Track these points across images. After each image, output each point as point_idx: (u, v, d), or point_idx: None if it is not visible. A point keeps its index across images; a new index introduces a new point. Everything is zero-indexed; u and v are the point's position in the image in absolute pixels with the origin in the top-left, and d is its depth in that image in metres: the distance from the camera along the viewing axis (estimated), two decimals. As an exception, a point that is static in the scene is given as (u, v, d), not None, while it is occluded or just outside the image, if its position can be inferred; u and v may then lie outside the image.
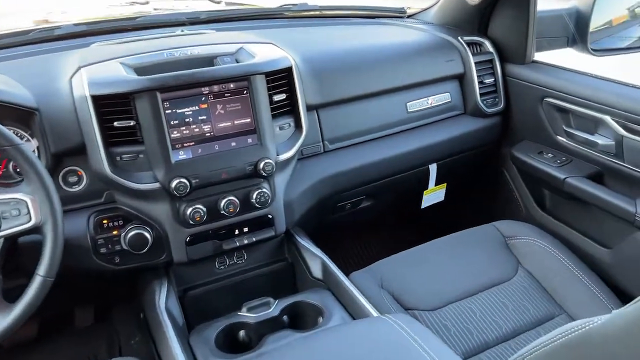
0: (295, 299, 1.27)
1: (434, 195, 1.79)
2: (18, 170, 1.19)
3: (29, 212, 0.98)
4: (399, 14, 2.02)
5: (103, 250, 1.24)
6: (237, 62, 1.33)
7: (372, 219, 1.97)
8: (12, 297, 1.02)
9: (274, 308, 1.23)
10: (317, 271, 1.37)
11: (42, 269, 0.99)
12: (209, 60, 1.34)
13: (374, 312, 1.16)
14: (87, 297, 1.72)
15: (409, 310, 1.38)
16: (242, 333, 1.22)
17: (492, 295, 1.44)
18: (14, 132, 1.11)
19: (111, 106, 1.18)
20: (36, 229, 1.00)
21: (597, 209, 1.58)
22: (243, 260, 1.44)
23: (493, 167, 1.91)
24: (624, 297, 1.43)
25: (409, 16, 2.02)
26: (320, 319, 1.23)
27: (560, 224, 1.71)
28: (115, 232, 1.25)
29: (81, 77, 1.20)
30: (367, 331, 0.99)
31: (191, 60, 1.32)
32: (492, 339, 1.32)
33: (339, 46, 1.61)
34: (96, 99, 1.16)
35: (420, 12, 2.00)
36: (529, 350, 0.80)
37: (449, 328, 1.34)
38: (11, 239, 1.00)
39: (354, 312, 1.22)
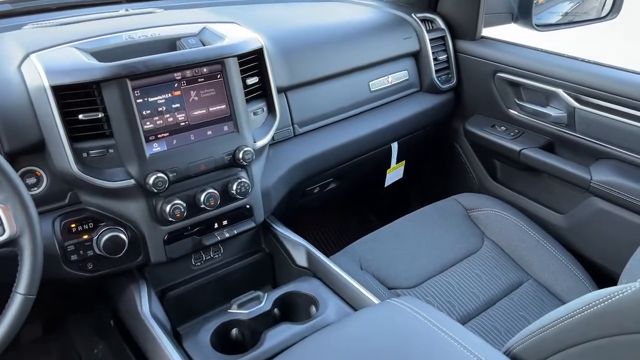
0: (285, 290, 1.23)
1: (395, 173, 1.81)
2: None
3: (1, 224, 0.86)
4: (344, -9, 1.98)
5: (74, 257, 1.11)
6: (204, 44, 1.24)
7: (338, 200, 1.96)
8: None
9: (265, 302, 1.19)
10: (301, 259, 1.33)
11: (21, 286, 0.87)
12: (172, 43, 1.23)
13: (372, 298, 1.15)
14: (36, 308, 1.56)
15: (392, 290, 1.39)
16: (234, 331, 1.16)
17: (465, 267, 1.49)
18: None
19: (73, 97, 1.06)
20: (11, 242, 0.87)
21: (550, 178, 1.68)
22: (219, 255, 1.37)
23: (445, 142, 1.96)
24: (582, 259, 1.54)
25: (355, -7, 1.99)
26: (313, 309, 1.20)
27: (514, 193, 1.79)
28: (86, 237, 1.13)
29: (33, 65, 1.06)
30: (385, 320, 0.98)
31: (153, 44, 1.21)
32: (472, 310, 1.37)
33: (303, 25, 1.55)
34: (56, 90, 1.03)
35: (366, -12, 1.98)
36: (556, 320, 0.83)
37: (432, 303, 1.37)
38: None
39: (349, 299, 1.20)
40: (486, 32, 1.82)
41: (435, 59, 1.75)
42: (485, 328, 1.33)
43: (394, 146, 1.73)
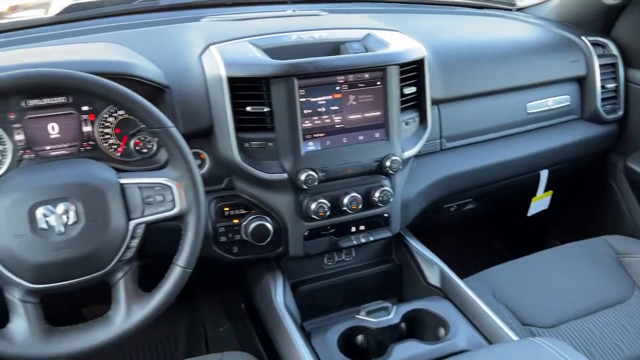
0: (415, 307, 1.20)
1: (540, 202, 1.70)
2: (138, 149, 1.14)
3: (173, 199, 0.93)
4: (507, 6, 1.91)
5: (223, 239, 1.18)
6: (366, 50, 1.25)
7: (470, 222, 1.89)
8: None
9: (394, 315, 1.17)
10: (433, 278, 1.30)
11: (181, 259, 0.94)
12: (336, 46, 1.26)
13: (508, 331, 1.09)
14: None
15: (526, 326, 1.30)
16: (360, 337, 1.16)
17: (611, 316, 1.36)
18: None
19: (243, 90, 1.12)
20: (179, 217, 0.94)
21: None
22: (351, 258, 1.38)
23: (600, 177, 1.80)
24: None
25: (519, 9, 1.91)
26: (442, 331, 1.16)
27: (677, 244, 1.60)
28: (236, 221, 1.19)
29: (213, 56, 1.14)
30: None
31: (319, 45, 1.24)
32: (615, 364, 1.24)
33: (465, 38, 1.51)
34: (231, 81, 1.10)
35: (531, 6, 1.88)
36: None
37: (569, 349, 1.26)
38: (152, 225, 0.94)
39: (481, 327, 1.14)
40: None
41: (602, 87, 1.62)
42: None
43: (544, 174, 1.62)
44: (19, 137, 1.06)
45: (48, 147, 1.09)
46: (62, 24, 1.42)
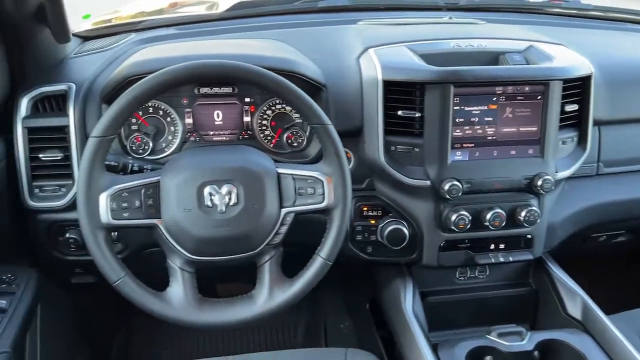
0: (551, 337, 1.13)
1: None
2: (289, 142, 1.20)
3: (323, 193, 0.96)
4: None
5: (359, 237, 1.21)
6: (528, 62, 1.19)
7: (622, 255, 1.74)
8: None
9: (528, 341, 1.11)
10: (573, 309, 1.21)
11: (324, 251, 0.98)
12: (495, 56, 1.22)
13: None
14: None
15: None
16: (488, 358, 1.12)
17: None
18: None
19: (397, 93, 1.13)
20: (326, 211, 0.98)
21: None
22: (484, 276, 1.33)
23: None
24: None
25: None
26: (580, 368, 1.08)
27: None
28: (373, 222, 1.21)
29: (371, 59, 1.16)
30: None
31: (477, 54, 1.21)
32: None
33: (636, 57, 1.39)
34: (386, 84, 1.11)
35: None
36: None
37: None
38: (300, 214, 0.99)
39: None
40: None
41: None
42: None
43: None
44: (189, 120, 1.17)
45: (211, 133, 1.19)
46: (229, 20, 1.54)
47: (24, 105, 1.10)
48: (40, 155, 1.10)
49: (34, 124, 1.10)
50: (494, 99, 1.13)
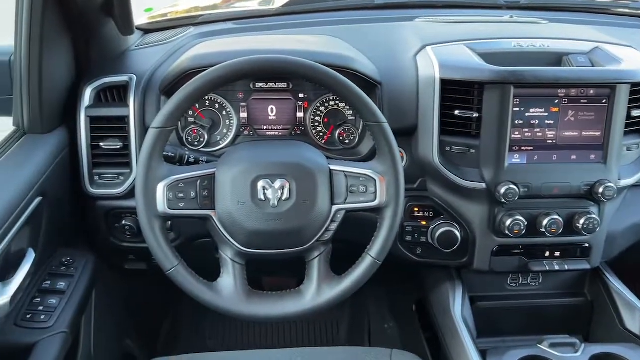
0: (607, 350, 1.08)
1: None
2: (341, 139, 1.20)
3: (375, 191, 0.95)
4: None
5: (408, 238, 1.19)
6: (593, 64, 1.15)
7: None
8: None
9: (582, 353, 1.07)
10: (632, 323, 1.16)
11: (374, 251, 0.96)
12: (558, 57, 1.18)
13: None
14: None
15: None
16: (540, 369, 1.08)
17: None
18: None
19: (454, 93, 1.10)
20: (377, 210, 0.97)
21: None
22: (537, 284, 1.29)
23: None
24: None
25: None
26: (637, 385, 1.03)
27: None
28: (423, 223, 1.19)
29: (429, 57, 1.14)
30: None
31: (539, 55, 1.18)
32: None
33: None
34: (444, 83, 1.09)
35: None
36: None
37: None
38: (350, 212, 0.98)
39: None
40: None
41: None
42: None
43: None
44: (243, 114, 1.18)
45: (265, 127, 1.20)
46: (285, 15, 1.54)
47: (87, 94, 1.14)
48: (101, 144, 1.14)
49: (96, 113, 1.13)
50: (556, 101, 1.09)
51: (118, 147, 1.14)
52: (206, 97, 1.17)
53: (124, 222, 1.18)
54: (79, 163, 1.14)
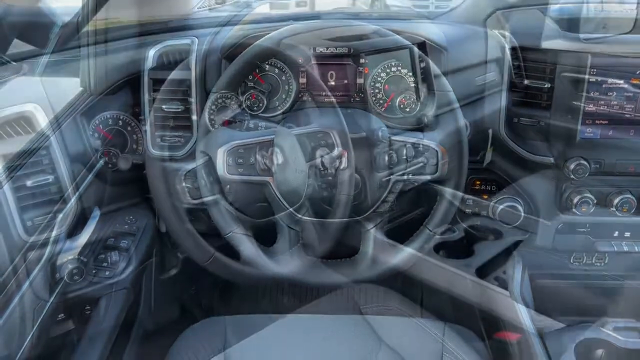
0: (674, 337, 1.03)
1: None
2: (402, 107, 1.16)
3: (437, 163, 0.92)
4: None
5: (468, 211, 1.16)
6: None
7: None
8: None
9: (647, 339, 1.02)
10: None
11: (432, 223, 0.95)
12: (641, 24, 1.09)
13: None
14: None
15: None
16: (600, 352, 1.04)
17: None
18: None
19: (525, 61, 1.05)
20: (438, 182, 0.94)
21: None
22: (602, 264, 1.23)
23: None
24: None
25: None
26: None
27: None
28: (485, 197, 1.15)
29: (499, 22, 1.09)
30: None
31: (620, 21, 1.08)
32: None
33: None
34: (514, 50, 1.04)
35: None
36: None
37: None
38: (408, 183, 0.96)
39: None
40: None
41: None
42: None
43: None
44: (302, 80, 1.16)
45: (323, 93, 1.17)
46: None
47: (150, 56, 1.15)
48: (163, 107, 1.15)
49: (159, 76, 1.14)
50: (638, 72, 1.01)
51: (179, 110, 1.15)
52: (266, 62, 1.16)
53: (184, 184, 1.20)
54: (142, 124, 1.16)
